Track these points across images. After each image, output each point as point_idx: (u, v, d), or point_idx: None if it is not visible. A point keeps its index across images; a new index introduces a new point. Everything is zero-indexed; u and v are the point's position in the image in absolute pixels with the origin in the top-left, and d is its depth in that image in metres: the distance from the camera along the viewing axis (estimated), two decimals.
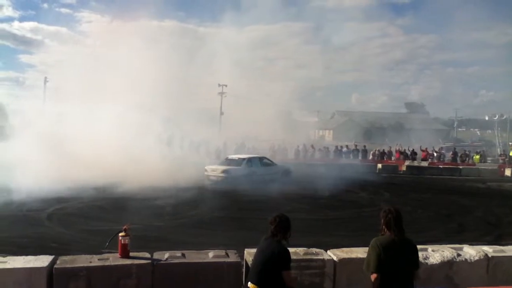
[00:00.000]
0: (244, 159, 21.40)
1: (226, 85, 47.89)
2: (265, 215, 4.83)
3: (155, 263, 5.38)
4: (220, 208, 13.87)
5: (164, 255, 5.57)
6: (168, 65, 32.34)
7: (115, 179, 17.21)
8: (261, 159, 22.20)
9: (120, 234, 5.41)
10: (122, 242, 5.39)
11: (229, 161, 21.47)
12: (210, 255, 5.63)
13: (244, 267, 5.77)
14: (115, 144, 20.69)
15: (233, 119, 41.77)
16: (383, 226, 4.16)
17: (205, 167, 20.76)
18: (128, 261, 5.32)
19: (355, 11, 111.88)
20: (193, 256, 5.63)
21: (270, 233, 4.25)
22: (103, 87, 27.25)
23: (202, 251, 5.90)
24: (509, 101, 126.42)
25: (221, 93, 48.86)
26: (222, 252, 5.77)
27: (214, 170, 20.29)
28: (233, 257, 5.67)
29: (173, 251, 5.74)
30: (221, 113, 48.09)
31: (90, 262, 5.26)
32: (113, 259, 5.37)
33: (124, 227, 5.49)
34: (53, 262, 5.23)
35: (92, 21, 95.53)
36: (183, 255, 5.60)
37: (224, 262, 5.52)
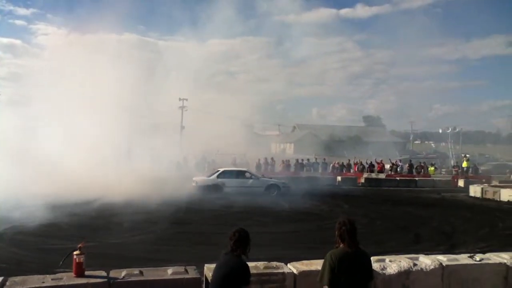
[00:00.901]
0: (218, 170, 22.75)
1: (186, 99, 47.60)
2: (226, 229, 4.81)
3: (111, 282, 5.22)
4: (181, 223, 13.71)
5: (121, 273, 5.41)
6: (128, 79, 31.86)
7: (74, 196, 16.69)
8: (240, 172, 22.92)
9: (74, 253, 5.23)
10: (77, 260, 5.20)
11: (209, 173, 23.38)
12: (169, 272, 5.52)
13: (204, 283, 5.69)
14: (74, 160, 20.15)
15: (194, 133, 41.53)
16: (338, 238, 4.22)
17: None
18: (83, 280, 5.13)
19: (314, 27, 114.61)
20: (151, 273, 5.50)
21: (230, 248, 4.23)
22: (60, 101, 26.51)
23: (160, 268, 5.77)
24: (461, 114, 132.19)
25: (182, 107, 48.49)
26: (181, 269, 5.66)
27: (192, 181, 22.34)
28: (192, 273, 5.58)
29: (130, 269, 5.58)
30: (182, 127, 47.67)
31: (43, 282, 5.05)
32: (67, 278, 5.17)
33: (79, 245, 5.31)
34: (2, 284, 4.99)
35: (48, 33, 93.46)
36: (141, 272, 5.46)
37: (183, 278, 5.42)
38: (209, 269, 5.46)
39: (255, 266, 5.75)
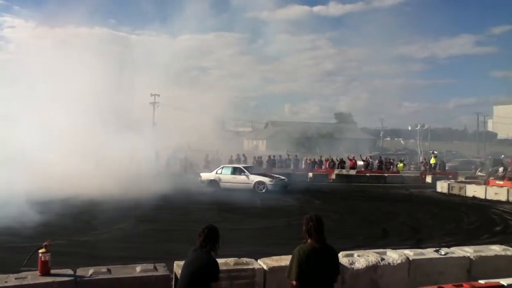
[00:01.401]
0: (219, 166, 24.58)
1: (158, 95, 47.05)
2: (196, 226, 4.79)
3: (78, 280, 5.12)
4: (151, 220, 13.56)
5: (88, 271, 5.32)
6: (98, 74, 31.20)
7: (43, 193, 16.24)
8: (235, 168, 23.85)
9: (40, 251, 5.11)
10: (42, 259, 5.08)
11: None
12: (138, 269, 5.45)
13: (173, 280, 5.65)
14: (43, 156, 19.65)
15: (166, 129, 41.05)
16: (305, 234, 4.27)
17: None
18: (48, 279, 5.02)
19: (287, 24, 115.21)
20: (119, 271, 5.42)
21: (199, 245, 4.22)
22: (28, 96, 25.77)
23: (129, 265, 5.69)
24: (430, 112, 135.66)
25: (154, 103, 47.90)
26: (150, 266, 5.60)
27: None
28: (162, 270, 5.53)
29: (98, 267, 5.49)
30: (154, 123, 47.07)
31: (6, 282, 4.91)
32: (32, 277, 5.04)
33: (45, 243, 5.19)
34: None
35: (15, 26, 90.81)
36: (109, 270, 5.38)
37: (152, 275, 5.36)
38: (178, 266, 5.42)
39: (225, 262, 5.75)
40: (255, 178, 22.65)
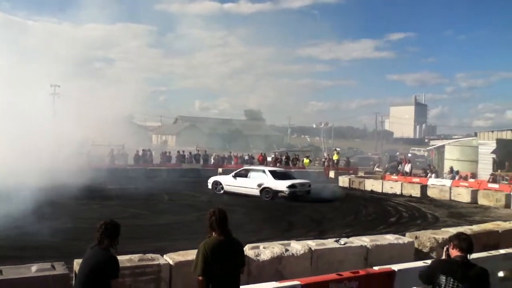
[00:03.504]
0: None
1: (59, 86, 44.17)
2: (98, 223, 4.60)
3: None
4: (50, 218, 12.73)
5: None
6: None
7: None
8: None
9: None
10: None
11: None
12: (33, 269, 5.10)
13: (73, 279, 5.38)
14: None
15: (67, 122, 38.75)
16: (209, 228, 4.28)
17: None
18: None
19: (197, 18, 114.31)
20: (12, 272, 5.04)
21: (97, 241, 4.06)
22: None
23: (23, 265, 5.31)
24: (334, 111, 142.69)
25: (54, 94, 44.88)
26: (48, 265, 5.28)
27: None
28: (60, 269, 5.24)
29: None
30: (54, 116, 44.13)
31: None
32: None
33: None
34: None
35: None
36: (0, 271, 4.98)
37: (50, 275, 5.05)
38: (78, 264, 5.17)
39: (129, 259, 5.61)
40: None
